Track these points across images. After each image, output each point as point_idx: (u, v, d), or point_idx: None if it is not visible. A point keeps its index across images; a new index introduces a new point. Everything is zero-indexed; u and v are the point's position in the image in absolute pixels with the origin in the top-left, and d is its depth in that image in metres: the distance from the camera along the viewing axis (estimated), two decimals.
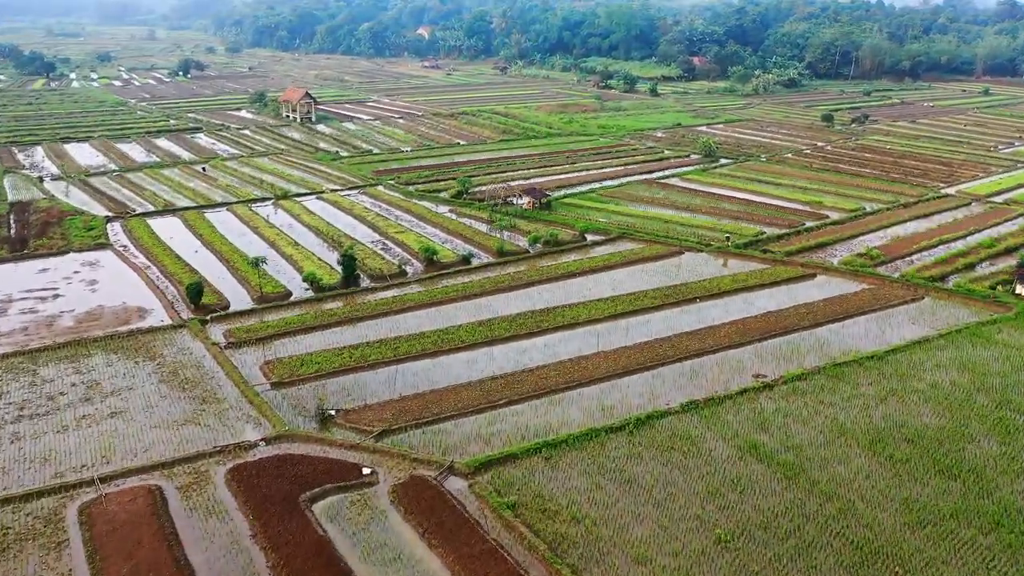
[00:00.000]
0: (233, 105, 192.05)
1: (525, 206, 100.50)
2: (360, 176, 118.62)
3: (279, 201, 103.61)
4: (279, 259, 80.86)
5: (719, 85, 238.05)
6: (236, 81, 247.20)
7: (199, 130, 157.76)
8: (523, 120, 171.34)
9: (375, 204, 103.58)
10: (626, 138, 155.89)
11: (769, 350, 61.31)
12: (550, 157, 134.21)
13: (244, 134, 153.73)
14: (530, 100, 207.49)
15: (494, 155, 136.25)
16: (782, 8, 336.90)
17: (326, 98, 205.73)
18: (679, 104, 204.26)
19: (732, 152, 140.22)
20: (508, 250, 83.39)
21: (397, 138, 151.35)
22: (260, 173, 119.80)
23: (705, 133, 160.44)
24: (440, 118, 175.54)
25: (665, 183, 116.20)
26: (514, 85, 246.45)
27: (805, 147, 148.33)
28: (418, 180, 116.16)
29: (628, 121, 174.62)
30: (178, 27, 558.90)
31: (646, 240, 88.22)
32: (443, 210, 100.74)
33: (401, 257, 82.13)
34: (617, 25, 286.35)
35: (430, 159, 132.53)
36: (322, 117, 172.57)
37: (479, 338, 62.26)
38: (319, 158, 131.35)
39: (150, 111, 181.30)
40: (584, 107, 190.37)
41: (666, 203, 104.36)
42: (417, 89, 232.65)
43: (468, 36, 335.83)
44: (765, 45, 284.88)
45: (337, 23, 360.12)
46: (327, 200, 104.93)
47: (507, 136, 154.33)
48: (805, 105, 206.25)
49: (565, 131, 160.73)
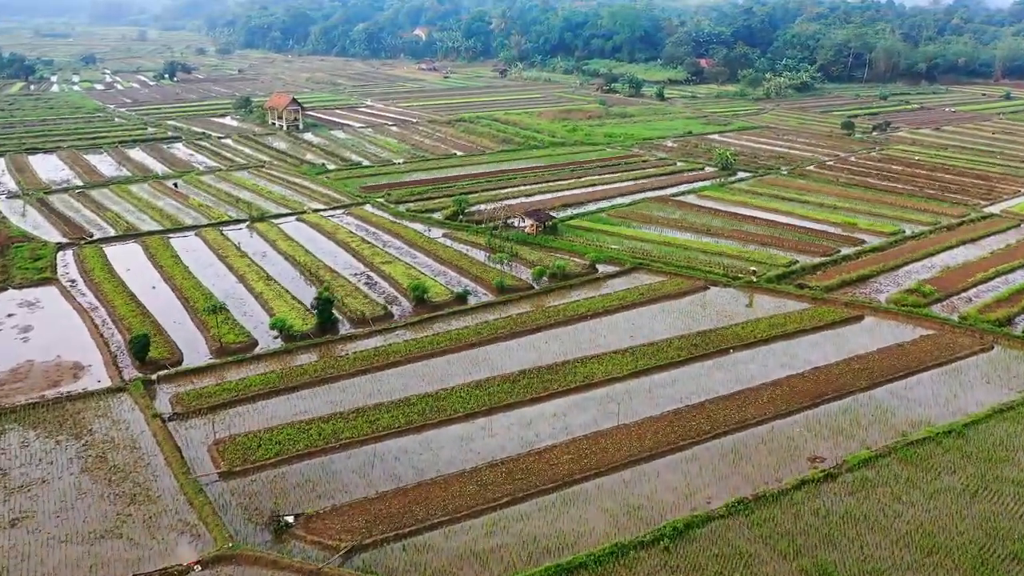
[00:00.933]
0: (218, 111, 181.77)
1: (528, 230, 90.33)
2: (346, 193, 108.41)
3: (254, 224, 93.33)
4: (247, 297, 70.71)
5: (729, 89, 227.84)
6: (224, 84, 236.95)
7: (178, 139, 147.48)
8: (524, 128, 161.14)
9: (361, 227, 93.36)
10: (634, 148, 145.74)
11: (823, 420, 51.15)
12: (554, 170, 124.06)
13: (225, 144, 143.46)
14: (531, 105, 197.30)
15: (493, 168, 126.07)
16: (790, 8, 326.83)
17: (316, 103, 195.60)
18: (688, 109, 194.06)
19: (749, 164, 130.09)
20: (509, 285, 73.19)
21: (389, 148, 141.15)
22: (237, 190, 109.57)
23: (718, 142, 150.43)
24: (436, 125, 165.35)
25: (681, 201, 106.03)
26: (514, 89, 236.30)
27: (827, 158, 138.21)
28: (410, 198, 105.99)
29: (635, 129, 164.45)
30: (171, 27, 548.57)
31: (665, 272, 78.01)
32: (436, 234, 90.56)
33: (387, 294, 71.95)
34: (621, 26, 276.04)
35: (424, 172, 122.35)
36: (310, 125, 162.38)
37: (475, 405, 52.09)
38: (303, 172, 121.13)
39: (128, 118, 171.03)
40: (588, 113, 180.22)
41: (683, 225, 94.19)
42: (412, 93, 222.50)
43: (466, 37, 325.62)
44: (774, 47, 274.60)
45: (331, 24, 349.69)
46: (308, 222, 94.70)
47: (507, 146, 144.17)
48: (820, 110, 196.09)
49: (569, 140, 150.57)
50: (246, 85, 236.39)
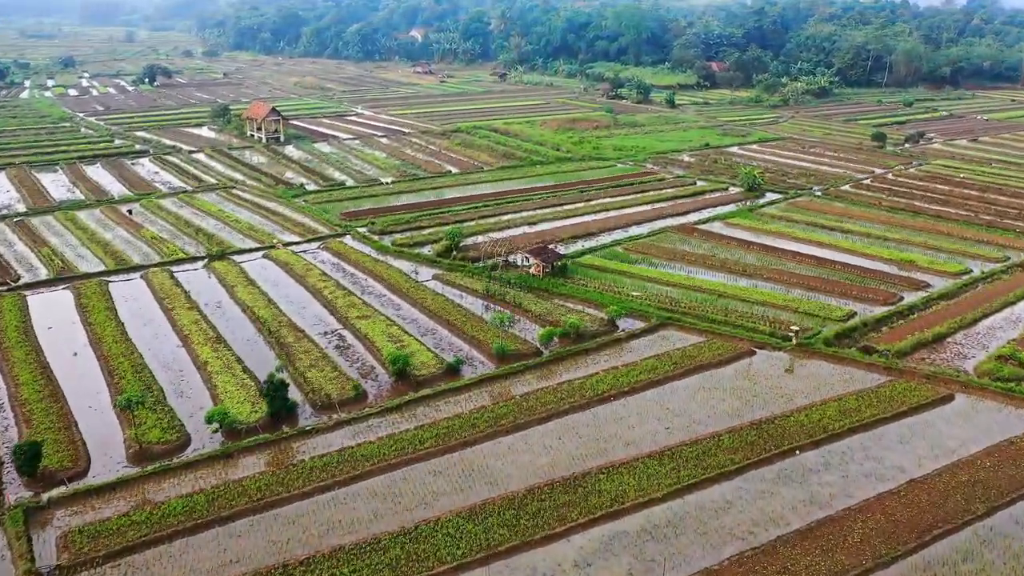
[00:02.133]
0: (195, 120, 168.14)
1: (533, 271, 76.95)
2: (325, 221, 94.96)
3: (213, 263, 79.81)
4: (188, 368, 57.34)
5: (743, 95, 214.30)
6: (206, 90, 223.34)
7: (144, 154, 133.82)
8: (526, 140, 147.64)
9: (338, 266, 79.90)
10: (648, 163, 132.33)
11: (939, 572, 37.80)
12: (560, 191, 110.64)
13: (196, 160, 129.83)
14: (533, 112, 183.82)
15: (492, 188, 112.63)
16: (801, 8, 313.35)
17: (301, 111, 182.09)
18: (701, 118, 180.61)
19: (777, 183, 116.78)
20: (512, 351, 59.79)
21: (377, 164, 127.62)
22: (200, 217, 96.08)
23: (739, 156, 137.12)
24: (430, 137, 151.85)
25: (707, 231, 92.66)
26: (514, 94, 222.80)
27: (861, 174, 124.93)
28: (397, 227, 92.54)
29: (647, 140, 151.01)
30: (162, 28, 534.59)
31: (699, 329, 64.64)
32: (426, 275, 77.15)
33: (362, 363, 58.55)
34: (626, 27, 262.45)
35: (414, 195, 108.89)
36: (293, 136, 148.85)
37: (467, 549, 38.68)
38: (278, 194, 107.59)
39: (96, 128, 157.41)
40: (595, 122, 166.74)
41: (714, 263, 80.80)
42: (406, 100, 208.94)
43: (464, 39, 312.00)
44: (787, 49, 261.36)
45: (323, 25, 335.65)
46: (277, 260, 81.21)
47: (508, 162, 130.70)
48: (844, 119, 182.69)
49: (575, 154, 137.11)
50: (229, 91, 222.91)
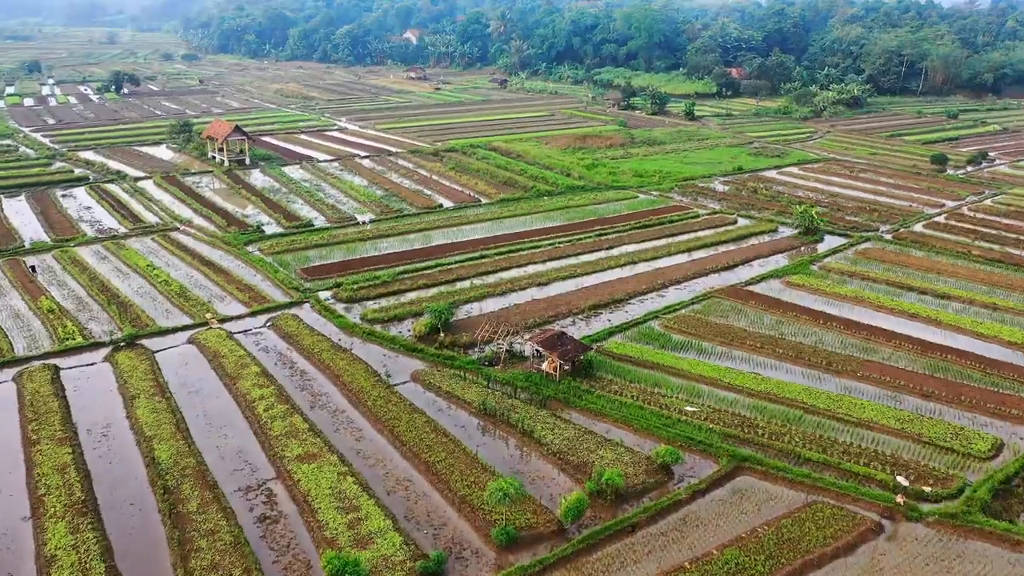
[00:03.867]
0: (154, 136, 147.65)
1: (547, 369, 56.99)
2: (280, 280, 74.79)
3: (117, 355, 59.67)
4: (24, 563, 37.33)
5: (768, 105, 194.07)
6: (177, 99, 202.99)
7: (82, 182, 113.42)
8: (530, 162, 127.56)
9: (285, 358, 59.83)
10: (674, 192, 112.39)
11: None
12: (574, 234, 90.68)
13: (142, 189, 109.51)
14: (537, 126, 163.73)
15: (491, 230, 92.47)
16: (820, 8, 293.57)
17: (277, 126, 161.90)
18: (727, 133, 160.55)
19: (835, 221, 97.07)
20: (523, 531, 39.79)
21: (356, 195, 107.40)
22: (122, 276, 75.89)
23: (780, 183, 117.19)
24: (420, 158, 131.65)
25: (765, 296, 72.67)
26: (516, 103, 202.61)
27: (931, 208, 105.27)
28: (369, 290, 72.48)
29: (670, 163, 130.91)
30: (148, 28, 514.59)
31: (789, 480, 44.69)
32: (402, 373, 57.17)
33: (291, 560, 38.45)
34: (636, 30, 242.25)
35: (396, 239, 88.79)
36: (262, 157, 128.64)
37: None
38: (229, 239, 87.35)
39: (39, 147, 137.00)
40: (608, 139, 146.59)
41: (785, 350, 60.87)
42: (396, 111, 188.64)
43: (461, 41, 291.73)
44: (810, 53, 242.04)
45: (311, 26, 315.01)
46: (206, 347, 61.09)
47: (510, 191, 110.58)
48: (886, 133, 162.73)
49: (589, 181, 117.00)
50: (203, 100, 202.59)
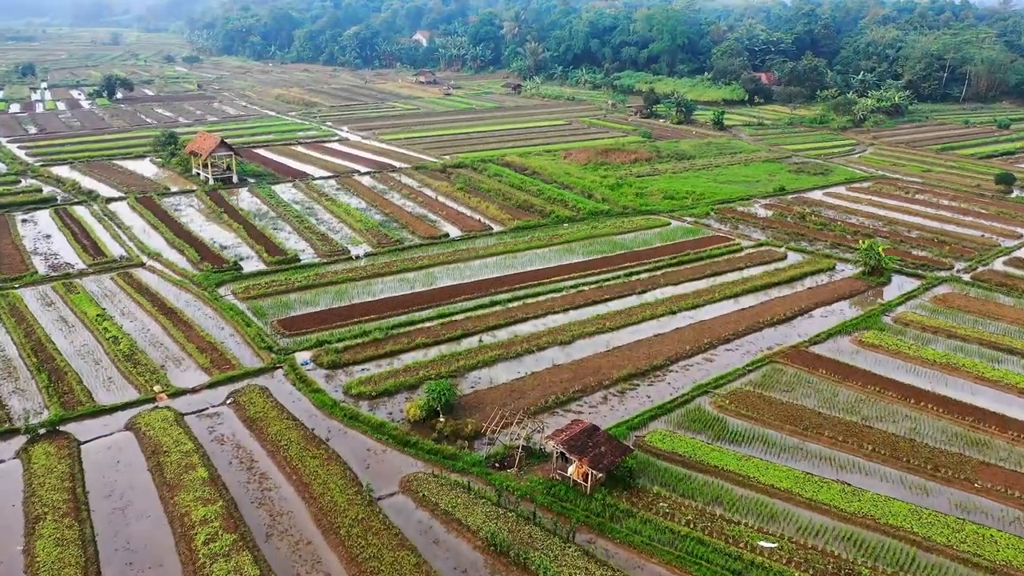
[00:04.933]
0: (139, 149, 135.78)
1: (574, 475, 44.37)
2: (251, 336, 62.48)
3: (32, 449, 47.44)
4: None
5: (803, 114, 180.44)
6: (171, 105, 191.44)
7: (48, 203, 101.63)
8: (548, 180, 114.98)
9: (242, 452, 47.47)
10: (711, 217, 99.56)
11: None
12: (600, 272, 77.98)
13: (113, 213, 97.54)
14: (554, 138, 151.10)
15: (504, 267, 79.84)
16: (850, 9, 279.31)
17: (273, 136, 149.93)
18: (761, 145, 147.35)
19: (901, 256, 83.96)
20: None
21: (351, 221, 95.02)
22: (65, 331, 63.71)
23: (829, 207, 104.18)
24: (425, 175, 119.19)
25: (834, 359, 59.89)
26: (531, 111, 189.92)
27: (1008, 239, 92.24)
28: (357, 351, 60.16)
29: (702, 181, 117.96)
30: (154, 29, 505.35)
31: None
32: (390, 479, 44.76)
33: None
34: (658, 32, 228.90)
35: (393, 279, 76.31)
36: (252, 173, 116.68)
37: None
38: (200, 278, 75.09)
39: (8, 161, 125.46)
40: (632, 153, 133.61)
41: (875, 446, 48.20)
42: (403, 119, 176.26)
43: (473, 44, 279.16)
44: (842, 57, 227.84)
45: (318, 27, 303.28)
46: (146, 436, 48.83)
47: (525, 217, 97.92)
48: (936, 146, 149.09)
49: (613, 203, 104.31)
50: (199, 106, 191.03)
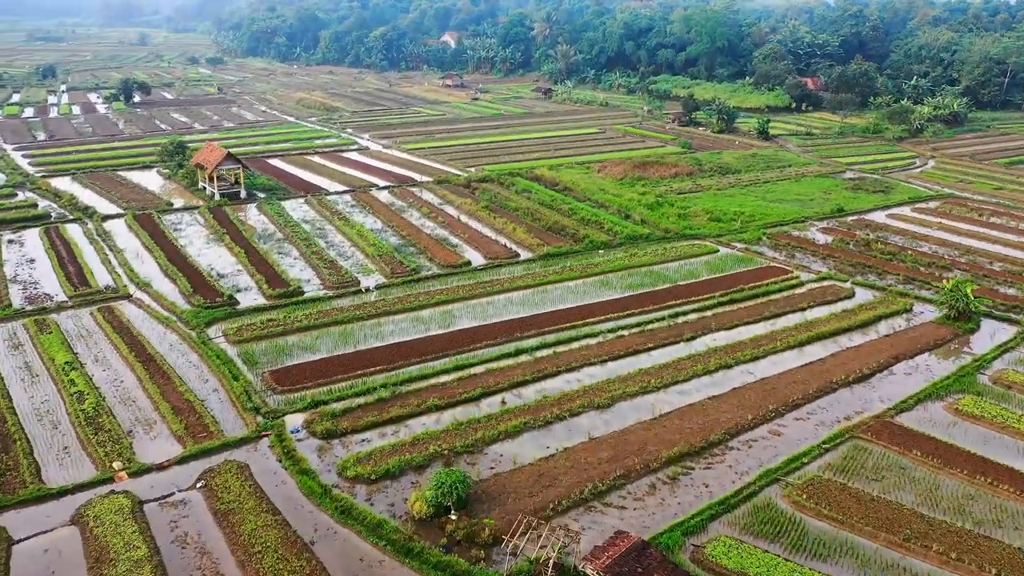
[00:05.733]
0: (146, 158, 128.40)
1: None
2: (236, 393, 53.51)
3: None
4: None
5: (854, 122, 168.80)
6: (188, 110, 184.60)
7: (39, 221, 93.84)
8: (580, 197, 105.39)
9: (207, 560, 38.37)
10: (762, 243, 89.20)
11: None
12: (640, 312, 68.10)
13: (107, 233, 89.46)
14: (587, 147, 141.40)
15: (531, 305, 70.16)
16: (898, 9, 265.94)
17: (290, 144, 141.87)
18: (811, 157, 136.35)
19: (980, 291, 73.03)
20: None
21: (364, 244, 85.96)
22: (28, 380, 55.15)
23: (895, 230, 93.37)
24: (447, 191, 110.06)
25: (927, 436, 49.46)
26: (562, 117, 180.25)
27: None
28: (357, 415, 50.99)
29: (750, 199, 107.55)
30: (183, 29, 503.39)
31: None
32: None
33: None
34: (697, 34, 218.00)
35: (405, 318, 67.06)
36: (262, 187, 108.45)
37: None
38: (189, 315, 66.33)
39: (10, 171, 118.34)
40: (672, 167, 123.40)
41: (1004, 569, 37.83)
42: (427, 126, 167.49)
43: (503, 45, 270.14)
44: (892, 60, 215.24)
45: (343, 29, 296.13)
46: (92, 532, 39.78)
47: (555, 242, 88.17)
48: (1004, 160, 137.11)
49: (654, 226, 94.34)
50: (216, 110, 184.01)
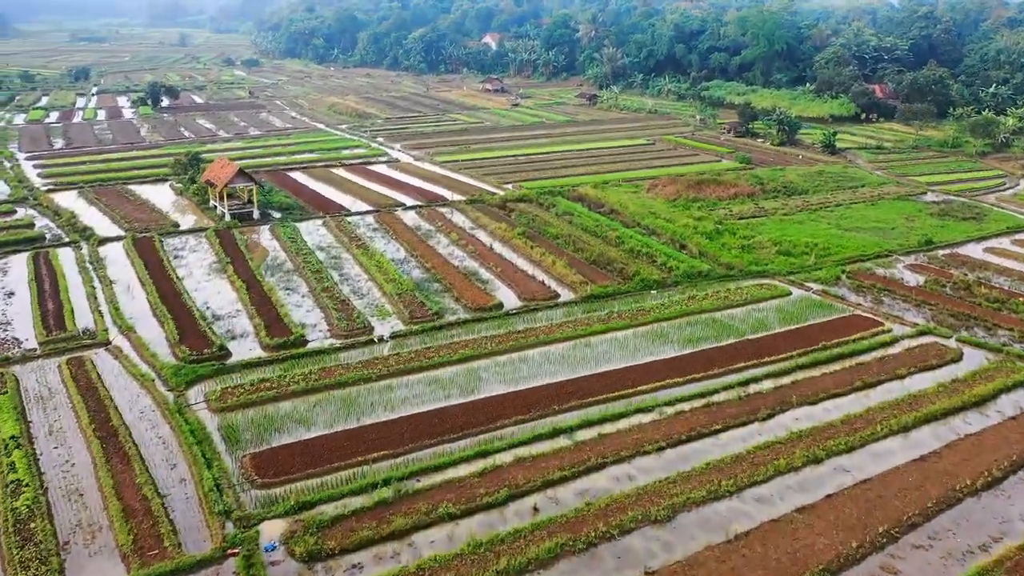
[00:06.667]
0: (162, 171, 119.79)
1: None
2: (206, 487, 43.09)
3: None
4: None
5: (931, 135, 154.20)
6: (215, 116, 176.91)
7: (34, 242, 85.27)
8: (630, 222, 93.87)
9: None
10: (842, 284, 76.67)
11: None
12: (703, 376, 56.35)
13: (102, 259, 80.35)
14: (635, 161, 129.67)
15: (571, 365, 58.64)
16: (969, 11, 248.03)
17: (316, 155, 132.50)
18: (887, 175, 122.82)
19: None
20: None
21: (382, 279, 75.35)
22: None
23: (996, 268, 79.89)
24: (480, 212, 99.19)
25: None
26: (607, 126, 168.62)
27: None
28: (352, 526, 40.09)
29: (822, 227, 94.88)
30: (225, 30, 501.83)
31: None
32: None
33: None
34: (754, 36, 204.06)
35: (420, 378, 56.12)
36: (278, 206, 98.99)
37: None
38: (172, 372, 56.26)
39: (14, 183, 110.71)
40: (732, 187, 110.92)
41: None
42: (464, 135, 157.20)
43: (546, 48, 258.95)
44: (965, 66, 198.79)
45: (382, 30, 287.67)
46: None
47: (600, 279, 76.51)
48: None
49: (714, 259, 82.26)
50: (243, 116, 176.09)
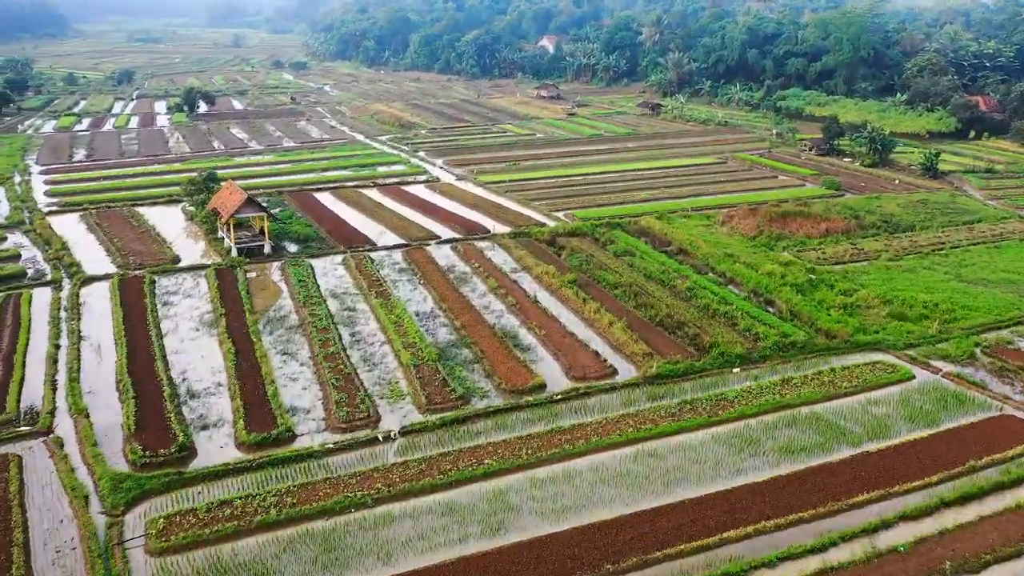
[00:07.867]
0: (177, 189, 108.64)
1: None
2: None
3: None
4: None
5: None
6: (250, 124, 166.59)
7: (13, 280, 74.42)
8: (703, 267, 78.69)
9: None
10: (977, 363, 60.31)
11: None
12: (812, 516, 41.20)
13: (80, 305, 68.95)
14: (706, 184, 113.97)
15: (631, 493, 44.06)
16: None
17: (349, 172, 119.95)
18: (1000, 204, 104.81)
19: None
20: None
21: (400, 345, 61.64)
22: None
23: None
24: (524, 250, 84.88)
25: None
26: (672, 140, 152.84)
27: None
28: None
29: (938, 277, 78.11)
30: (281, 31, 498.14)
31: None
32: None
33: None
34: (836, 41, 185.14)
35: (429, 510, 42.18)
36: (295, 237, 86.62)
37: None
38: (109, 486, 43.74)
39: (19, 203, 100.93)
40: (822, 220, 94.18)
41: None
42: (512, 148, 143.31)
43: (606, 51, 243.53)
44: None
45: (434, 32, 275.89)
46: None
47: (668, 346, 61.43)
48: None
49: (808, 320, 66.47)
50: (280, 125, 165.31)
